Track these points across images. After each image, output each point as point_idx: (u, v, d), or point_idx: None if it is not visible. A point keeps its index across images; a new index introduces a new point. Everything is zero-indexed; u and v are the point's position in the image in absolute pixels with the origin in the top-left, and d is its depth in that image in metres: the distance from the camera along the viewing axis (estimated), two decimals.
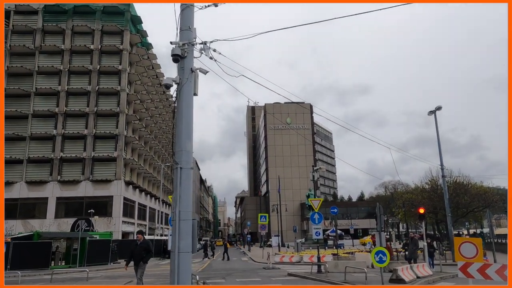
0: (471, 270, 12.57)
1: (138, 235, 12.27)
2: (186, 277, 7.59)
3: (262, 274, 18.58)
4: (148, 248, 11.71)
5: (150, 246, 11.95)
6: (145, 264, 11.65)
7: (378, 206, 18.60)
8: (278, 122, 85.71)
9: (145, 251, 11.59)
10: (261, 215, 31.14)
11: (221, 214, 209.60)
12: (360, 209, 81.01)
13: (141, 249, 11.55)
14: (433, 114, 28.57)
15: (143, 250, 11.56)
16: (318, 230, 17.69)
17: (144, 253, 11.54)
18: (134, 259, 11.57)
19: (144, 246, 11.63)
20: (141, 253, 11.47)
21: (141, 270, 11.50)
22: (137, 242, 11.91)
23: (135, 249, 11.64)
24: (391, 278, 13.11)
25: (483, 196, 37.41)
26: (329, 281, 14.25)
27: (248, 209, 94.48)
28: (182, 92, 8.58)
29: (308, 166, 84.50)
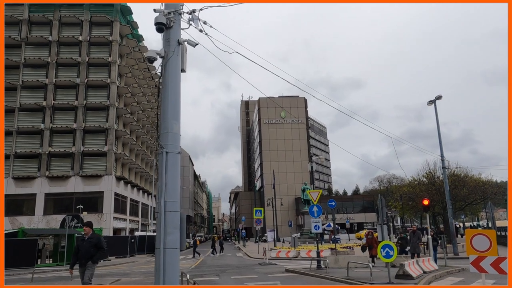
0: (484, 265, 11.70)
1: (85, 227, 9.52)
2: (173, 277, 6.58)
3: (258, 271, 17.64)
4: (98, 244, 9.23)
5: (102, 241, 9.44)
6: (94, 264, 9.20)
7: (380, 198, 17.72)
8: (273, 116, 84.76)
9: (95, 248, 9.15)
10: (256, 209, 30.12)
11: (216, 210, 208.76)
12: (356, 203, 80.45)
13: (89, 246, 9.12)
14: (433, 103, 27.76)
15: (91, 246, 9.12)
16: (317, 224, 16.76)
17: (93, 250, 9.11)
18: (80, 258, 9.08)
19: (93, 242, 9.18)
20: (89, 250, 9.05)
21: (89, 271, 8.99)
22: (84, 236, 9.39)
23: (82, 245, 9.20)
24: (398, 274, 12.21)
25: (481, 189, 36.77)
26: (331, 277, 13.32)
27: (242, 204, 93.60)
28: (168, 67, 7.52)
29: (303, 161, 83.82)
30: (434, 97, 27.54)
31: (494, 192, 36.71)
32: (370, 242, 17.88)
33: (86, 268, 8.96)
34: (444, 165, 27.16)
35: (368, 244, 18.04)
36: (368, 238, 18.19)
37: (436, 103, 27.60)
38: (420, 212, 52.17)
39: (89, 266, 8.98)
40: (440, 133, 27.54)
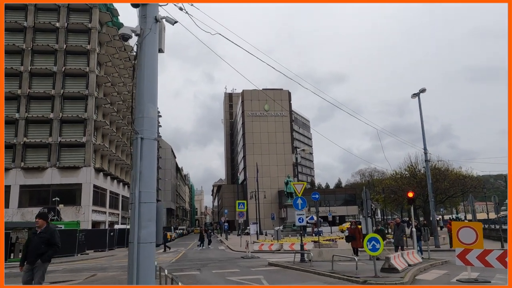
0: (470, 257, 11.54)
1: (38, 219, 8.01)
2: (148, 275, 6.02)
3: (241, 264, 17.20)
4: (51, 240, 7.72)
5: (55, 236, 7.86)
6: (45, 263, 7.68)
7: (364, 191, 17.48)
8: (256, 109, 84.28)
9: (47, 244, 7.65)
10: (239, 202, 29.71)
11: (198, 203, 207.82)
12: (338, 196, 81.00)
13: (40, 241, 7.60)
14: (417, 96, 27.72)
15: (43, 242, 7.61)
16: (301, 216, 16.39)
17: (44, 247, 7.60)
18: (28, 254, 7.64)
19: (45, 237, 7.66)
20: (39, 246, 7.56)
21: (39, 272, 7.54)
22: (36, 230, 7.88)
23: (32, 239, 7.79)
24: (383, 267, 11.96)
25: (462, 182, 37.27)
26: (315, 271, 12.98)
27: (225, 197, 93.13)
28: (144, 45, 6.85)
29: (286, 154, 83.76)
30: (418, 90, 27.51)
31: (474, 185, 37.25)
32: (353, 232, 17.42)
33: (35, 266, 7.57)
34: (427, 158, 27.22)
35: (351, 234, 17.62)
36: (351, 228, 17.76)
37: (420, 96, 27.60)
38: (401, 205, 52.71)
39: (38, 265, 7.55)
40: (423, 126, 27.59)
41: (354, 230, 17.42)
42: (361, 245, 16.93)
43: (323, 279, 11.65)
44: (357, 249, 17.10)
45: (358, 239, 16.93)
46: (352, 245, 17.37)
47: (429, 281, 11.37)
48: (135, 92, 6.85)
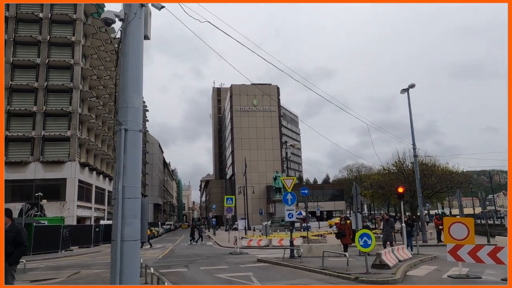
0: (461, 253, 11.44)
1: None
2: (132, 274, 5.66)
3: (229, 261, 16.91)
4: (17, 239, 6.91)
5: (22, 235, 7.07)
6: (13, 266, 6.93)
7: (354, 186, 17.33)
8: (245, 104, 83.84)
9: (12, 243, 6.83)
10: (227, 197, 29.33)
11: (186, 198, 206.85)
12: (326, 191, 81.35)
13: (6, 241, 6.74)
14: (406, 92, 27.69)
15: (8, 242, 6.76)
16: (291, 212, 16.15)
17: (10, 247, 6.78)
18: None
19: (10, 236, 6.82)
20: (6, 246, 6.70)
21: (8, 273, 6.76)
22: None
23: None
24: (374, 263, 11.79)
25: (449, 177, 37.59)
26: (305, 267, 12.76)
27: (213, 192, 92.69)
28: (128, 31, 6.43)
29: (275, 149, 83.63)
30: (408, 86, 27.50)
31: (460, 181, 37.59)
32: (343, 228, 16.94)
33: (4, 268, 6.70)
34: (416, 153, 27.27)
35: (341, 230, 17.14)
36: (341, 224, 17.21)
37: (409, 92, 27.58)
38: (388, 200, 53.08)
39: (6, 268, 6.71)
40: (412, 122, 27.60)
41: (343, 226, 17.02)
42: (350, 241, 16.67)
43: (313, 276, 11.43)
44: (346, 245, 16.87)
45: (348, 235, 16.67)
46: (342, 242, 16.99)
47: (420, 277, 11.23)
48: (118, 81, 6.45)
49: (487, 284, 10.21)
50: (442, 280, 10.74)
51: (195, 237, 35.16)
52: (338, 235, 17.06)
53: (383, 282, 9.75)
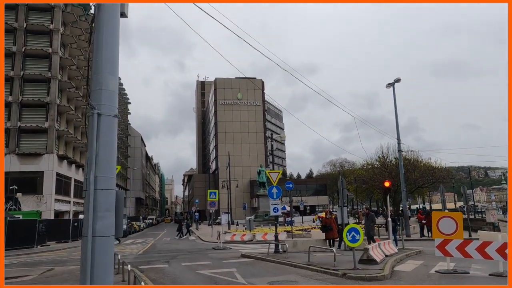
0: (449, 248, 11.23)
1: None
2: (105, 273, 5.10)
3: (212, 256, 16.43)
4: None
5: None
6: None
7: (340, 179, 16.99)
8: (229, 98, 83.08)
9: None
10: (211, 191, 28.83)
11: (169, 192, 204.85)
12: (309, 186, 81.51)
13: None
14: (392, 86, 27.61)
15: None
16: (276, 206, 15.75)
17: None
18: None
19: None
20: None
21: None
22: None
23: None
24: (362, 259, 11.50)
25: (431, 172, 37.90)
26: (291, 263, 12.40)
27: (196, 186, 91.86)
28: (103, 7, 5.85)
29: (259, 143, 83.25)
30: (393, 80, 27.41)
31: (443, 176, 37.94)
32: (328, 222, 16.56)
33: None
34: (400, 148, 27.25)
35: (327, 224, 16.65)
36: (326, 218, 16.75)
37: (394, 86, 27.50)
38: (371, 194, 53.42)
39: None
40: (397, 116, 27.55)
41: (329, 220, 16.73)
42: (336, 235, 16.42)
43: (299, 272, 11.06)
44: (333, 240, 16.66)
45: (334, 230, 16.27)
46: (328, 236, 16.66)
47: (407, 272, 11.00)
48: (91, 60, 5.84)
49: (475, 279, 10.03)
50: (430, 275, 10.52)
51: (183, 231, 34.59)
52: (324, 228, 16.73)
53: (372, 279, 9.45)
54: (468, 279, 10.03)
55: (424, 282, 9.38)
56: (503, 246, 10.60)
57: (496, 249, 10.66)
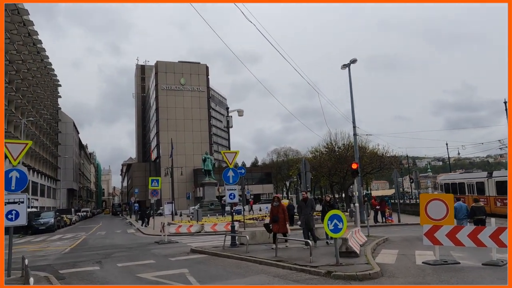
0: (439, 235, 9.77)
1: None
2: None
3: (156, 252, 13.81)
4: None
5: None
6: None
7: (303, 162, 15.28)
8: (171, 83, 78.76)
9: None
10: (152, 178, 25.94)
11: (106, 183, 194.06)
12: (254, 175, 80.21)
13: None
14: (347, 67, 26.38)
15: None
16: (232, 192, 13.47)
17: None
18: None
19: None
20: None
21: None
22: None
23: None
24: (341, 251, 9.65)
25: (380, 159, 37.90)
26: (255, 259, 10.24)
27: (136, 176, 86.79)
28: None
29: (203, 131, 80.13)
30: (349, 61, 26.20)
31: (391, 162, 38.11)
32: (275, 212, 12.40)
33: None
34: (356, 132, 26.19)
35: (273, 215, 12.41)
36: (273, 207, 12.58)
37: (350, 67, 26.32)
38: (319, 182, 53.10)
39: None
40: (352, 99, 26.47)
41: (276, 209, 12.39)
42: (286, 229, 12.33)
43: (270, 271, 8.92)
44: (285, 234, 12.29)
45: (282, 221, 12.17)
46: (274, 229, 12.27)
47: (393, 266, 9.35)
48: None
49: (472, 270, 8.61)
50: (421, 268, 8.93)
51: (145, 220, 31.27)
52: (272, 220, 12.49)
53: (364, 277, 7.60)
54: (464, 271, 8.58)
55: (426, 278, 7.70)
56: (497, 231, 9.34)
57: (490, 235, 9.37)
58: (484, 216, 14.37)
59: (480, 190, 26.99)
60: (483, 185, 26.92)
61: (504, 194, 24.06)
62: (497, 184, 25.48)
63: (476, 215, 14.21)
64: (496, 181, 25.70)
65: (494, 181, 25.87)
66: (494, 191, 25.60)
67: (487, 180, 26.73)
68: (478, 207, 14.52)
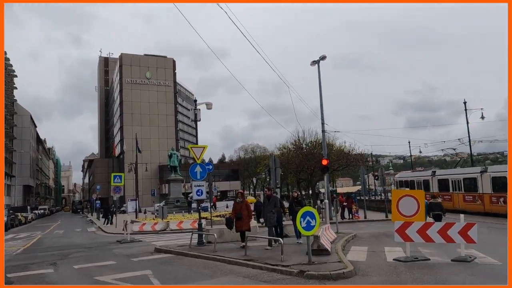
0: (410, 232, 9.68)
1: None
2: None
3: (118, 252, 13.03)
4: None
5: None
6: None
7: (272, 157, 14.98)
8: (136, 76, 76.46)
9: None
10: (115, 174, 24.82)
11: (66, 179, 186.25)
12: (221, 171, 79.48)
13: None
14: (316, 64, 26.31)
15: None
16: (200, 188, 12.89)
17: None
18: None
19: None
20: None
21: None
22: None
23: None
24: (312, 249, 9.34)
25: (346, 156, 38.34)
26: (223, 258, 9.76)
27: (98, 172, 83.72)
28: None
29: (169, 126, 78.41)
30: (318, 57, 26.13)
31: (357, 159, 38.66)
32: (239, 208, 11.67)
33: None
34: (324, 128, 26.20)
35: (236, 211, 11.64)
36: (237, 203, 11.94)
37: (319, 64, 26.27)
38: (286, 179, 53.19)
39: None
40: (321, 96, 26.41)
41: (239, 206, 11.70)
42: (249, 227, 11.75)
43: (239, 271, 8.47)
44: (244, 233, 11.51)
45: (245, 218, 11.52)
46: (238, 228, 11.64)
47: (365, 263, 9.17)
48: None
49: (443, 267, 8.56)
50: (393, 265, 8.80)
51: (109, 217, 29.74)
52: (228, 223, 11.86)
53: (338, 277, 7.31)
54: (436, 267, 8.51)
55: (400, 277, 7.52)
56: (466, 227, 9.37)
57: (459, 231, 9.40)
58: (441, 211, 15.15)
59: (426, 187, 29.90)
60: (428, 182, 30.42)
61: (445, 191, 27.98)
62: (439, 182, 29.17)
63: (433, 211, 14.91)
64: (438, 179, 29.32)
65: (437, 179, 29.41)
66: (436, 188, 28.87)
67: (431, 178, 30.21)
68: (435, 203, 15.38)
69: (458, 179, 27.21)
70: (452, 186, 27.72)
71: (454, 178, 27.84)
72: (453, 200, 27.05)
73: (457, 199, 26.67)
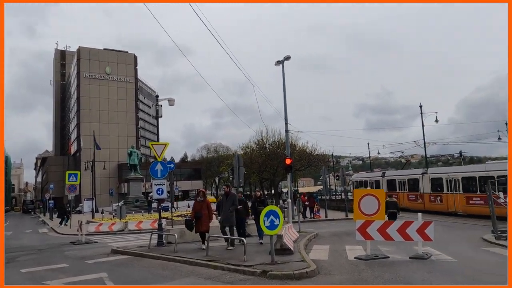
0: (370, 231, 9.81)
1: None
2: None
3: (71, 255, 12.33)
4: None
5: None
6: None
7: (236, 156, 14.76)
8: (95, 71, 73.58)
9: None
10: (70, 172, 23.65)
11: (16, 178, 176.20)
12: (183, 170, 78.22)
13: None
14: (281, 64, 26.38)
15: None
16: (160, 187, 12.45)
17: None
18: None
19: None
20: None
21: None
22: None
23: None
24: (275, 248, 9.25)
25: (308, 156, 38.88)
26: (184, 259, 9.45)
27: (52, 170, 79.88)
28: None
29: (129, 124, 76.16)
30: (283, 58, 26.20)
31: (319, 159, 39.30)
32: (199, 208, 11.16)
33: None
34: (288, 128, 26.27)
35: (196, 211, 11.13)
36: (197, 202, 11.44)
37: (284, 64, 26.36)
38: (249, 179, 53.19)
39: None
40: (285, 96, 26.47)
41: (201, 205, 11.20)
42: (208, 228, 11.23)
43: (200, 272, 8.21)
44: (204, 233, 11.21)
45: (205, 218, 11.07)
46: (197, 229, 11.20)
47: (327, 262, 9.21)
48: None
49: (401, 264, 8.75)
50: (355, 264, 8.89)
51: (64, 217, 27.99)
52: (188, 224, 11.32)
53: (301, 276, 7.24)
54: (395, 265, 8.70)
55: (362, 275, 7.57)
56: (423, 225, 9.65)
57: (417, 230, 9.65)
58: (395, 209, 15.78)
59: (377, 187, 31.68)
60: (379, 183, 32.41)
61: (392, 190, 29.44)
62: (388, 182, 31.34)
63: (389, 209, 15.32)
64: (387, 180, 31.61)
65: (386, 179, 31.79)
66: (385, 188, 30.42)
67: (381, 179, 32.58)
68: (391, 201, 16.01)
69: (404, 180, 29.44)
70: (398, 186, 29.95)
71: (400, 178, 30.17)
72: (399, 199, 28.57)
73: (402, 198, 28.23)
